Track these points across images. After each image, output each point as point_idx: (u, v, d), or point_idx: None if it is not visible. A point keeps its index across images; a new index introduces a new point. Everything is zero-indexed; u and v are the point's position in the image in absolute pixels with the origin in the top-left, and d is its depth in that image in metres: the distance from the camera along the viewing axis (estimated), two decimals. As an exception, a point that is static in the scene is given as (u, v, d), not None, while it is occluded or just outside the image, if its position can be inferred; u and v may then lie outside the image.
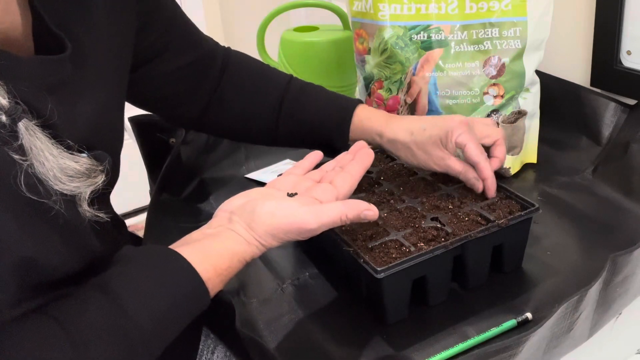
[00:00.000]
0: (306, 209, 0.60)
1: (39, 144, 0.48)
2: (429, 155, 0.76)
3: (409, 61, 0.92)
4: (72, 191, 0.50)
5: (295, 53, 1.17)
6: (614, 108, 0.97)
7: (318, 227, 0.59)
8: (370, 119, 0.81)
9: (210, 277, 0.55)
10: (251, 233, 0.59)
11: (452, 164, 0.74)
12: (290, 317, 0.69)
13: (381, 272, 0.61)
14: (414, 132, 0.77)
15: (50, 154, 0.48)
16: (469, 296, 0.70)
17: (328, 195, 0.64)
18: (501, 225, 0.68)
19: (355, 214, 0.61)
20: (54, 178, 0.48)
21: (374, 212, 0.62)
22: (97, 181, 0.52)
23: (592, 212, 0.84)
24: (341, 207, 0.60)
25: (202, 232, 0.60)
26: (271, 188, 0.67)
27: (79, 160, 0.51)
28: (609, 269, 0.64)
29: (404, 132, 0.77)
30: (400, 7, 0.91)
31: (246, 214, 0.60)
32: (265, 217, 0.59)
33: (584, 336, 0.70)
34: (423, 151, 0.76)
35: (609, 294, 0.68)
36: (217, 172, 1.02)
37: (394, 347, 0.64)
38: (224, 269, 0.56)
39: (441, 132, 0.75)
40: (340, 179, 0.66)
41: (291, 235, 0.60)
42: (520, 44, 0.89)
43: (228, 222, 0.60)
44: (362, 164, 0.69)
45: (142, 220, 2.13)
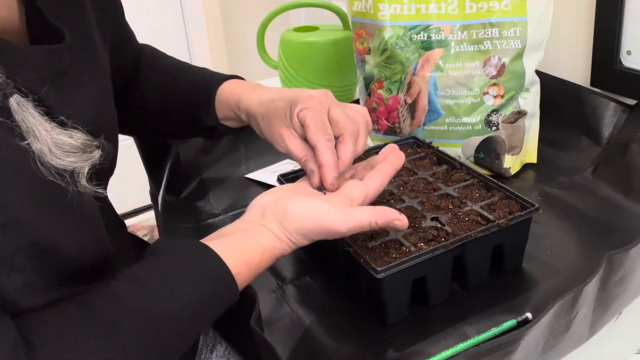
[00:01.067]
0: (337, 211, 0.59)
1: (31, 119, 0.48)
2: (273, 131, 0.68)
3: (409, 61, 0.92)
4: (69, 166, 0.50)
5: (295, 53, 1.17)
6: (614, 108, 0.97)
7: (347, 231, 0.59)
8: (233, 89, 0.76)
9: (240, 271, 0.55)
10: (282, 230, 0.60)
11: (291, 146, 0.66)
12: (290, 317, 0.69)
13: (381, 272, 0.61)
14: (263, 103, 0.70)
15: (44, 129, 0.48)
16: (469, 296, 0.70)
17: (358, 192, 0.64)
18: (501, 225, 0.68)
19: (385, 222, 0.60)
20: (50, 153, 0.48)
21: (404, 223, 0.61)
22: (93, 156, 0.52)
23: (592, 212, 0.84)
24: (372, 213, 0.60)
25: (235, 226, 0.61)
26: (303, 182, 0.67)
27: (73, 135, 0.51)
28: (606, 268, 0.64)
29: (255, 103, 0.71)
30: (400, 7, 0.91)
31: (278, 211, 0.60)
32: (297, 217, 0.59)
33: (584, 336, 0.70)
34: (268, 125, 0.69)
35: (607, 293, 0.68)
36: (217, 172, 1.02)
37: (394, 347, 0.64)
38: (254, 264, 0.57)
39: (287, 104, 0.67)
40: (371, 177, 0.66)
41: (321, 236, 0.60)
42: (520, 44, 0.89)
43: (261, 217, 0.61)
44: (393, 164, 0.68)
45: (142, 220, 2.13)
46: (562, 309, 0.61)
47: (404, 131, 0.96)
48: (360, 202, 0.64)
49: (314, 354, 0.64)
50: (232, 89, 0.77)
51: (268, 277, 0.76)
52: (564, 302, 0.60)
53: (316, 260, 0.78)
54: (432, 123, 0.94)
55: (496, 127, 0.92)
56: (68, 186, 0.49)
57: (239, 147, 1.06)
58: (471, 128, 0.92)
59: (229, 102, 0.76)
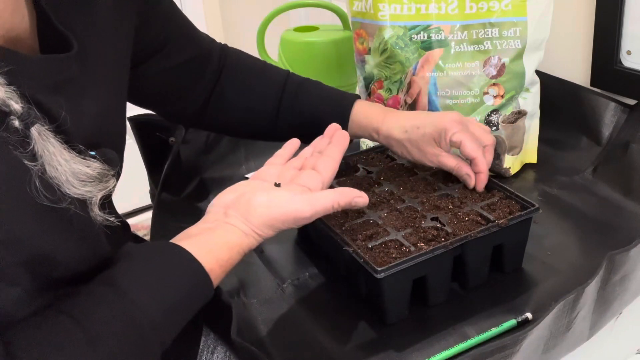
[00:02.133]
0: (299, 198, 0.62)
1: (51, 148, 0.48)
2: (423, 153, 0.78)
3: (409, 61, 0.92)
4: (84, 195, 0.50)
5: (295, 53, 1.17)
6: (614, 108, 0.97)
7: (312, 214, 0.61)
8: (367, 116, 0.82)
9: (213, 268, 0.56)
10: (248, 225, 0.60)
11: (445, 161, 0.77)
12: (290, 317, 0.69)
13: (381, 272, 0.61)
14: (408, 130, 0.78)
15: (63, 158, 0.49)
16: (469, 296, 0.70)
17: (314, 181, 0.66)
18: (501, 225, 0.68)
19: (347, 201, 0.63)
20: (66, 182, 0.49)
21: (364, 199, 0.65)
22: (108, 185, 0.53)
23: (592, 212, 0.84)
24: (333, 195, 0.63)
25: (199, 227, 0.61)
26: (257, 180, 0.68)
27: (91, 165, 0.51)
28: (606, 268, 0.64)
29: (399, 130, 0.79)
30: (400, 7, 0.91)
31: (241, 207, 0.61)
32: (261, 209, 0.61)
33: (584, 336, 0.70)
34: (417, 149, 0.78)
35: (608, 293, 0.68)
36: (217, 171, 1.02)
37: (394, 347, 0.64)
38: (225, 260, 0.58)
39: (434, 131, 0.77)
40: (322, 164, 0.68)
41: (287, 224, 0.62)
42: (520, 44, 0.89)
43: (224, 216, 0.62)
44: (340, 146, 0.71)
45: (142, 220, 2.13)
46: (563, 310, 0.61)
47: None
48: (319, 190, 0.66)
49: (314, 354, 0.64)
50: (365, 113, 0.83)
51: (268, 277, 0.76)
52: (565, 303, 0.60)
53: (316, 260, 0.78)
54: (432, 123, 0.94)
55: (496, 127, 0.92)
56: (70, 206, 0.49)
57: (239, 148, 1.06)
58: (471, 128, 0.92)
59: (364, 126, 0.82)
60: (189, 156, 1.01)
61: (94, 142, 0.55)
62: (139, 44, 0.72)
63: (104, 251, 0.56)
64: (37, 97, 0.50)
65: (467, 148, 0.75)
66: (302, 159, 0.72)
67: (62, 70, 0.54)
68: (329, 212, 0.63)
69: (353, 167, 0.84)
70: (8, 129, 0.46)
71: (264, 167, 0.71)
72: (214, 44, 0.86)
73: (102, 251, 0.56)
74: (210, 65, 0.84)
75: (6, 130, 0.46)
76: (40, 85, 0.51)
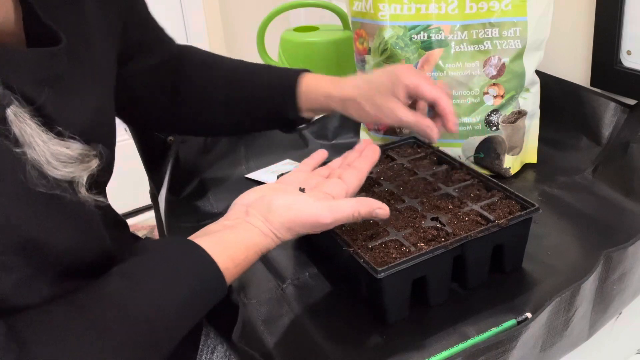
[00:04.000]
0: (321, 204, 0.62)
1: (28, 130, 0.48)
2: (379, 108, 0.74)
3: (409, 61, 0.92)
4: (66, 176, 0.50)
5: (295, 53, 1.17)
6: (614, 108, 0.97)
7: (332, 222, 0.61)
8: (316, 83, 0.80)
9: (228, 267, 0.56)
10: (268, 226, 0.61)
11: (403, 115, 0.73)
12: (290, 317, 0.69)
13: (381, 272, 0.61)
14: (360, 86, 0.75)
15: (41, 140, 0.48)
16: (469, 296, 0.70)
17: (338, 189, 0.66)
18: (501, 225, 0.68)
19: (368, 211, 0.63)
20: (47, 164, 0.48)
21: (385, 211, 0.64)
22: (91, 166, 0.52)
23: (592, 212, 0.84)
24: (355, 204, 0.62)
25: (221, 223, 0.62)
26: (282, 183, 0.69)
27: (70, 146, 0.51)
28: (604, 266, 0.64)
29: (351, 88, 0.76)
30: (400, 7, 0.91)
31: (263, 208, 0.62)
32: (282, 211, 0.61)
33: (584, 336, 0.70)
34: (372, 104, 0.75)
35: (606, 292, 0.68)
36: (217, 172, 1.02)
37: (394, 347, 0.64)
38: (241, 259, 0.58)
39: (388, 79, 0.73)
40: (349, 174, 0.68)
41: (306, 229, 0.62)
42: (520, 44, 0.89)
43: (245, 214, 0.62)
44: (369, 159, 0.71)
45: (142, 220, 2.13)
46: (560, 307, 0.61)
47: (404, 131, 0.96)
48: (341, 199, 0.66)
49: (313, 354, 0.64)
50: (316, 82, 0.80)
51: (268, 277, 0.76)
52: (562, 300, 0.60)
53: (316, 260, 0.78)
54: (432, 123, 0.94)
55: (496, 127, 0.92)
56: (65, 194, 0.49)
57: (239, 147, 1.06)
58: (471, 128, 0.92)
59: (315, 95, 0.79)
60: (188, 156, 1.01)
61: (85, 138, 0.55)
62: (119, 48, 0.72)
63: (104, 244, 0.56)
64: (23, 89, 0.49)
65: (426, 90, 0.71)
66: (330, 168, 0.72)
67: (52, 65, 0.54)
68: (349, 221, 0.63)
69: (353, 167, 0.84)
70: None
71: (291, 173, 0.72)
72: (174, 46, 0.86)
73: (102, 243, 0.56)
74: (173, 68, 0.84)
75: None
76: (28, 79, 0.51)
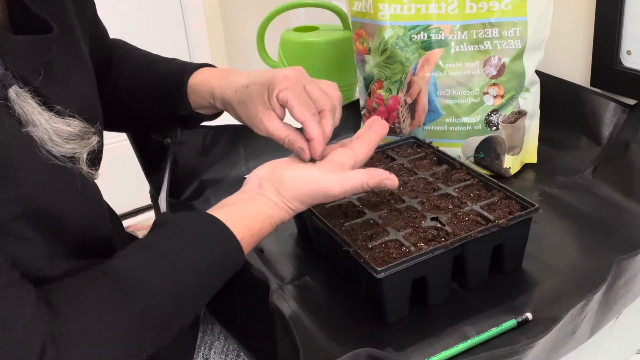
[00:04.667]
0: (330, 175, 0.63)
1: (30, 108, 0.50)
2: (250, 116, 0.69)
3: (409, 61, 0.92)
4: (69, 152, 0.52)
5: (295, 53, 1.17)
6: (614, 108, 0.97)
7: (340, 192, 0.63)
8: (206, 79, 0.76)
9: (244, 236, 0.59)
10: (280, 198, 0.63)
11: (272, 129, 0.67)
12: (290, 317, 0.69)
13: (381, 272, 0.61)
14: (237, 90, 0.71)
15: (43, 117, 0.50)
16: (469, 296, 0.70)
17: (347, 158, 0.67)
18: (501, 225, 0.68)
19: (376, 182, 0.64)
20: (50, 141, 0.50)
21: (394, 182, 0.65)
22: (91, 142, 0.54)
23: (592, 212, 0.84)
24: (363, 174, 0.64)
25: (236, 197, 0.64)
26: (293, 157, 0.69)
27: (71, 123, 0.53)
28: (614, 272, 0.64)
29: (230, 91, 0.72)
30: (400, 7, 0.91)
31: (275, 180, 0.64)
32: (293, 183, 0.63)
33: (585, 337, 0.70)
34: (245, 112, 0.70)
35: (612, 297, 0.68)
36: (217, 173, 1.02)
37: (394, 347, 0.64)
38: (256, 230, 0.61)
39: (262, 88, 0.68)
40: (357, 144, 0.69)
41: (316, 199, 0.64)
42: (520, 44, 0.89)
43: (259, 187, 0.64)
44: (378, 132, 0.71)
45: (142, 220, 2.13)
46: (572, 315, 0.61)
47: (404, 131, 0.96)
48: (350, 168, 0.67)
49: (313, 354, 0.64)
50: (204, 78, 0.77)
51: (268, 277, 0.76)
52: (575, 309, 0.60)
53: (316, 260, 0.78)
54: (432, 123, 0.94)
55: (496, 127, 0.92)
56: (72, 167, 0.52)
57: (238, 148, 1.05)
58: (471, 128, 0.92)
59: (202, 92, 0.76)
60: (187, 158, 1.01)
61: None
62: None
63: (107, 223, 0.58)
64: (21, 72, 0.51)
65: (295, 110, 0.65)
66: (341, 143, 0.72)
67: (45, 51, 0.55)
68: (357, 192, 0.64)
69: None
70: None
71: None
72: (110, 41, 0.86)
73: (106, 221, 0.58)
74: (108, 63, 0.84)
75: None
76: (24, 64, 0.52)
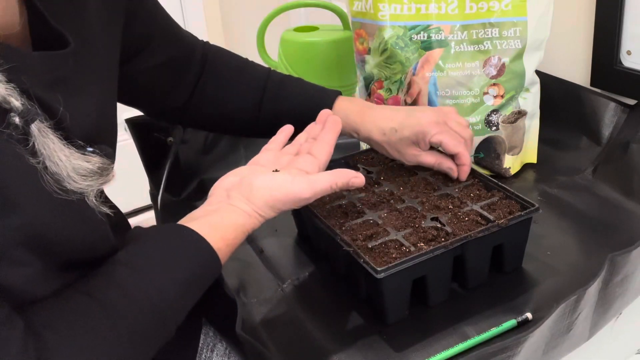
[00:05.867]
0: (299, 179, 0.64)
1: (51, 145, 0.49)
2: (402, 154, 0.80)
3: (409, 61, 0.92)
4: (84, 189, 0.51)
5: (295, 53, 1.17)
6: (614, 108, 0.97)
7: (311, 195, 0.64)
8: (347, 115, 0.83)
9: (220, 247, 0.58)
10: (250, 206, 0.63)
11: (424, 160, 0.79)
12: (290, 317, 0.69)
13: (381, 272, 0.61)
14: (386, 133, 0.80)
15: (63, 154, 0.50)
16: (469, 296, 0.70)
17: (311, 165, 0.68)
18: (501, 225, 0.68)
19: (344, 182, 0.66)
20: (67, 177, 0.50)
21: (361, 180, 0.67)
22: (109, 179, 0.54)
23: (592, 212, 0.84)
24: (330, 176, 0.65)
25: (204, 209, 0.64)
26: (256, 165, 0.70)
27: (91, 160, 0.52)
28: (608, 269, 0.64)
29: (377, 133, 0.80)
30: (400, 7, 0.91)
31: (244, 189, 0.64)
32: (263, 191, 0.63)
33: (584, 336, 0.70)
34: (396, 150, 0.80)
35: (609, 294, 0.68)
36: (217, 172, 1.01)
37: (394, 347, 0.64)
38: (230, 239, 0.60)
39: (412, 134, 0.78)
40: (317, 148, 0.70)
41: (288, 205, 0.64)
42: (520, 44, 0.89)
43: (227, 198, 0.64)
44: (333, 130, 0.72)
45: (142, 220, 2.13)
46: (565, 311, 0.61)
47: (404, 131, 0.96)
48: (315, 173, 0.68)
49: (313, 354, 0.64)
50: (346, 111, 0.83)
51: (268, 277, 0.76)
52: (567, 304, 0.60)
53: (316, 260, 0.78)
54: (432, 123, 0.94)
55: (496, 127, 0.92)
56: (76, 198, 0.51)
57: (239, 148, 1.06)
58: (471, 128, 0.92)
59: (344, 125, 0.81)
60: (188, 156, 1.01)
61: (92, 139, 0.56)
62: (125, 42, 0.73)
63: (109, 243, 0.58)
64: (37, 94, 0.50)
65: (450, 146, 0.77)
66: (297, 145, 0.74)
67: (60, 67, 0.55)
68: (327, 193, 0.65)
69: (353, 167, 0.84)
70: (9, 126, 0.47)
71: (261, 154, 0.73)
72: (196, 42, 0.86)
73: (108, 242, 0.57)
74: (193, 63, 0.84)
75: (7, 127, 0.46)
76: (39, 82, 0.52)
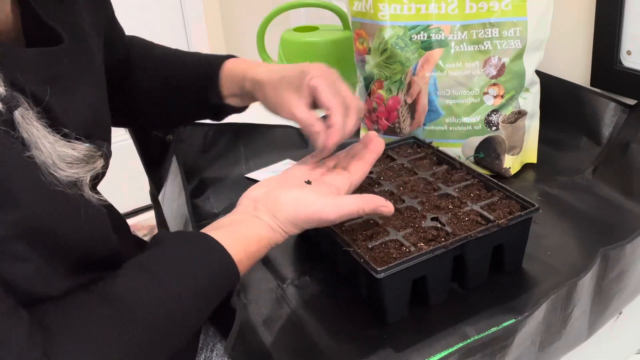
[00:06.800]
0: (326, 200, 0.63)
1: (35, 131, 0.49)
2: (280, 99, 0.72)
3: (409, 61, 0.92)
4: (72, 177, 0.51)
5: (295, 53, 1.17)
6: (614, 108, 0.97)
7: (336, 218, 0.63)
8: (237, 65, 0.80)
9: (242, 258, 0.58)
10: (275, 221, 0.62)
11: (297, 111, 0.69)
12: (290, 317, 0.69)
13: (381, 272, 0.61)
14: (273, 72, 0.74)
15: (47, 141, 0.49)
16: (469, 296, 0.70)
17: (343, 181, 0.67)
18: (501, 225, 0.68)
19: (372, 208, 0.64)
20: (53, 165, 0.49)
21: (390, 209, 0.65)
22: (96, 166, 0.53)
23: (592, 212, 0.84)
24: (359, 201, 0.64)
25: (230, 218, 0.63)
26: (288, 176, 0.69)
27: (76, 147, 0.52)
28: (601, 263, 0.64)
29: (265, 73, 0.75)
30: (400, 7, 0.91)
31: (270, 203, 0.63)
32: (288, 207, 0.62)
33: (583, 335, 0.70)
34: (275, 93, 0.72)
35: (605, 290, 0.68)
36: (217, 171, 1.02)
37: (394, 347, 0.64)
38: (252, 252, 0.60)
39: (296, 73, 0.71)
40: (354, 166, 0.70)
41: (311, 224, 0.63)
42: (520, 44, 0.89)
43: (253, 209, 0.63)
44: (374, 151, 0.72)
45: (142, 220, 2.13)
46: (557, 304, 0.61)
47: (404, 131, 0.96)
48: (346, 191, 0.68)
49: (313, 353, 0.64)
50: (236, 64, 0.80)
51: (268, 277, 0.76)
52: (558, 296, 0.60)
53: (316, 260, 0.78)
54: (432, 123, 0.94)
55: (496, 127, 0.92)
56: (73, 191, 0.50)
57: (239, 147, 1.05)
58: (471, 128, 0.92)
59: (234, 76, 0.78)
60: (188, 156, 1.01)
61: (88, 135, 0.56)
62: None
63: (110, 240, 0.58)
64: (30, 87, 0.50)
65: (323, 95, 0.68)
66: (336, 159, 0.73)
67: (55, 63, 0.55)
68: (353, 217, 0.64)
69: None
70: None
71: (296, 165, 0.72)
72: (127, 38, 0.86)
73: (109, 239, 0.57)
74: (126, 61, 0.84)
75: None
76: (34, 78, 0.52)
